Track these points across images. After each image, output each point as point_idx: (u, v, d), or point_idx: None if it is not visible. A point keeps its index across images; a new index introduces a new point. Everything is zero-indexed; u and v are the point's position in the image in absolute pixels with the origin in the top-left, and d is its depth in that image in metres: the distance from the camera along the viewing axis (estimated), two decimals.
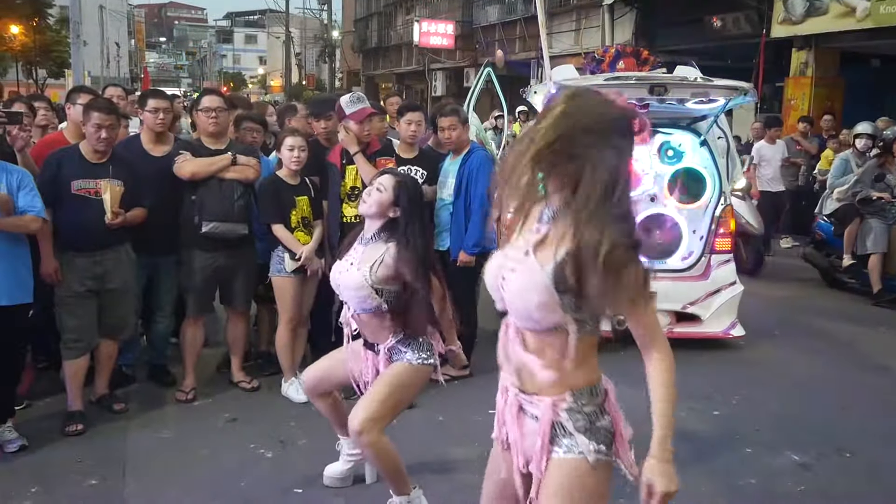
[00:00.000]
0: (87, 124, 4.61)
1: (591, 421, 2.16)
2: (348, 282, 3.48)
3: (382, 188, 3.47)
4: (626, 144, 2.05)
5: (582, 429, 2.16)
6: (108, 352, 4.94)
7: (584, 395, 2.17)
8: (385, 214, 3.48)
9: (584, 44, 19.51)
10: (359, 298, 3.46)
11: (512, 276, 2.13)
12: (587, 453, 2.14)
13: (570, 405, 2.16)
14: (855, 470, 4.45)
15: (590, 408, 2.17)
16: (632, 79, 5.92)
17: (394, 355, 3.49)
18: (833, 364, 6.37)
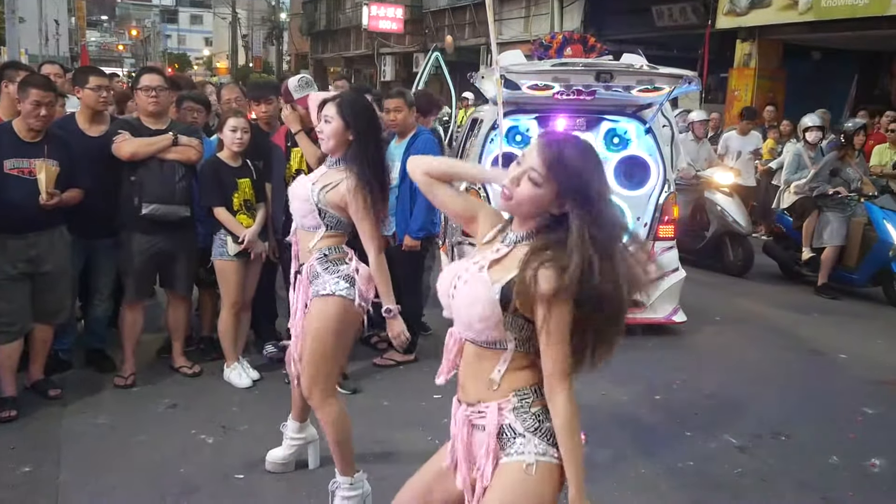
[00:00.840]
0: (24, 101, 4.45)
1: (539, 420, 2.16)
2: (297, 191, 3.53)
3: (329, 118, 3.45)
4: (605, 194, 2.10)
5: (532, 428, 2.16)
6: (43, 336, 4.80)
7: (527, 394, 2.18)
8: (345, 140, 3.45)
9: (534, 31, 19.55)
10: (302, 212, 3.50)
11: (462, 287, 2.18)
12: (536, 455, 2.14)
13: (514, 405, 2.18)
14: (790, 452, 4.55)
15: (536, 408, 2.17)
16: (579, 65, 5.94)
17: (312, 279, 3.46)
18: (771, 349, 6.51)
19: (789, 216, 8.97)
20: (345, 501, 3.48)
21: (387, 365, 5.60)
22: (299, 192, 3.51)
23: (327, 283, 3.41)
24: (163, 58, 72.99)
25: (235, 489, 3.86)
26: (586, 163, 2.08)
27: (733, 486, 4.12)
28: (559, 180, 2.06)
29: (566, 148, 2.09)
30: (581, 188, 2.04)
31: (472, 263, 2.22)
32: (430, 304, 6.16)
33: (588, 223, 2.01)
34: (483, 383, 2.21)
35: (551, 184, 2.06)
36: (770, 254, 9.30)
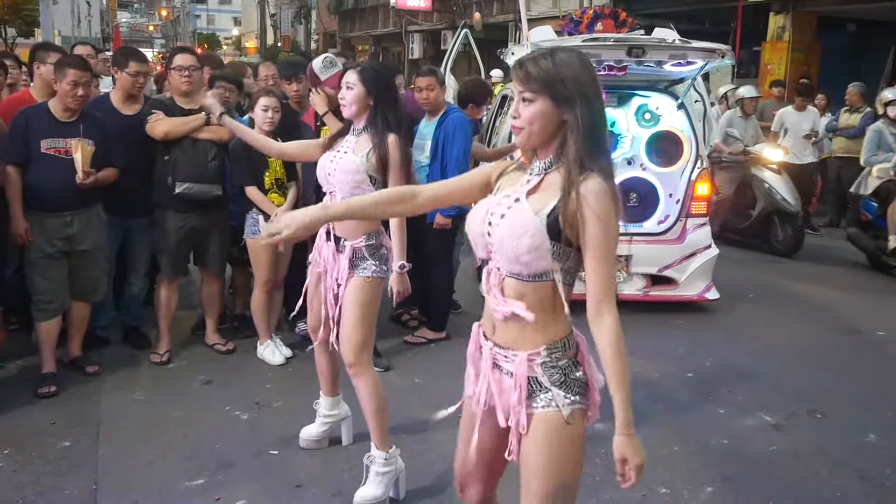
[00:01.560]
0: (61, 81, 4.50)
1: (566, 374, 2.17)
2: (345, 165, 3.54)
3: (351, 84, 3.56)
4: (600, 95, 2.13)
5: (557, 382, 2.16)
6: (81, 314, 4.89)
7: (557, 348, 2.18)
8: (367, 106, 3.56)
9: (563, 7, 19.34)
10: (352, 184, 3.51)
11: (501, 221, 2.14)
12: (563, 407, 2.16)
13: (544, 359, 2.17)
14: (826, 430, 4.51)
15: (564, 361, 2.18)
16: (610, 40, 5.87)
17: (356, 259, 3.53)
18: (806, 327, 6.43)
19: (874, 202, 8.32)
20: (378, 476, 3.51)
21: (418, 343, 5.63)
22: (346, 166, 3.53)
23: (370, 267, 3.54)
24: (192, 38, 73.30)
25: (271, 465, 3.90)
26: (561, 62, 2.08)
27: (767, 464, 4.09)
28: (546, 87, 2.06)
29: (538, 58, 2.10)
30: (568, 84, 2.05)
31: (504, 197, 2.18)
32: (459, 281, 6.17)
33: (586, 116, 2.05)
34: (516, 326, 2.19)
35: (542, 94, 2.07)
36: (856, 243, 8.58)
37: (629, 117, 6.87)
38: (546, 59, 2.09)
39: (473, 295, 6.18)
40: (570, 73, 2.06)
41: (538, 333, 2.17)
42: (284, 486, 3.69)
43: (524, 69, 2.09)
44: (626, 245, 6.32)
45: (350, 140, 3.63)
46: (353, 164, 3.52)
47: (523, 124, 2.11)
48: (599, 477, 3.75)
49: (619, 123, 6.84)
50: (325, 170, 3.62)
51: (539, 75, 2.07)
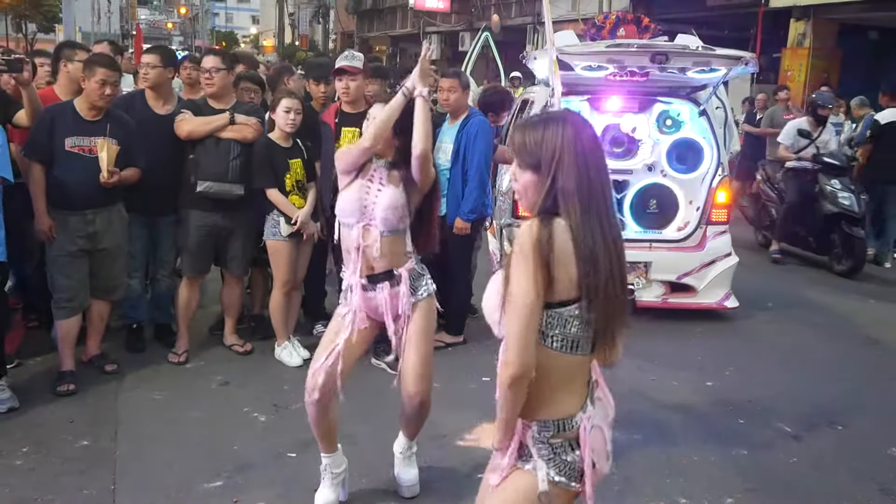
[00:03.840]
0: (90, 79, 4.52)
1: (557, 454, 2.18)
2: (385, 201, 3.35)
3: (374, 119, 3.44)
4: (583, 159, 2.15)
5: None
6: (100, 312, 4.91)
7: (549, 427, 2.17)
8: (391, 143, 3.41)
9: (582, 10, 19.31)
10: (396, 218, 3.37)
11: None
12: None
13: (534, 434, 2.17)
14: (846, 442, 4.47)
15: (557, 441, 2.17)
16: (633, 46, 5.85)
17: (413, 280, 3.44)
18: (826, 337, 6.39)
19: None
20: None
21: (436, 347, 5.59)
22: (390, 201, 3.35)
23: (428, 283, 3.50)
24: (211, 36, 73.57)
25: (288, 467, 3.90)
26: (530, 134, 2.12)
27: (787, 475, 4.06)
28: (526, 159, 2.12)
29: (527, 130, 2.15)
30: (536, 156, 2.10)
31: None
32: (477, 285, 6.14)
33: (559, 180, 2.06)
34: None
35: (530, 167, 2.12)
36: None
37: (650, 123, 6.84)
38: (532, 129, 2.14)
39: None
40: (552, 144, 2.08)
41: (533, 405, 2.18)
42: (303, 489, 3.67)
43: (514, 139, 2.18)
44: (645, 251, 6.30)
45: (381, 172, 3.45)
46: (396, 198, 3.36)
47: (519, 189, 2.18)
48: (618, 487, 3.73)
49: (640, 129, 6.81)
50: (362, 202, 3.39)
51: (524, 146, 2.13)
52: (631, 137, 6.77)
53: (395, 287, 3.40)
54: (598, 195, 2.08)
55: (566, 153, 2.06)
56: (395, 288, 3.41)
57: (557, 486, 2.14)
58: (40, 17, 36.30)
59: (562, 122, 2.12)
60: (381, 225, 3.36)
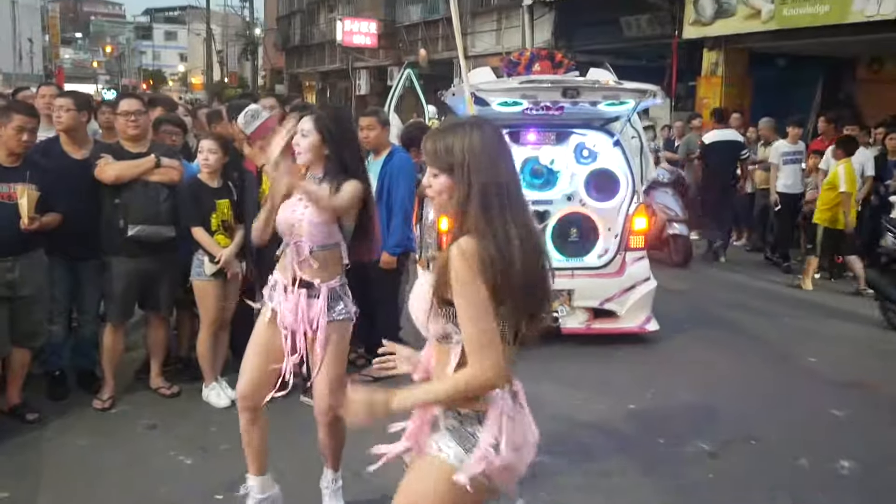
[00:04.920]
0: (7, 126, 4.49)
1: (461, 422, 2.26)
2: (311, 217, 3.44)
3: (306, 132, 3.48)
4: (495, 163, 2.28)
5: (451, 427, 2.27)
6: (21, 360, 4.83)
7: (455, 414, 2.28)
8: (322, 154, 3.50)
9: (506, 44, 19.73)
10: (323, 233, 3.47)
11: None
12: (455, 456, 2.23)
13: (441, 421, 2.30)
14: (762, 455, 4.66)
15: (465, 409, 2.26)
16: (546, 82, 6.06)
17: (332, 301, 3.52)
18: (740, 354, 6.65)
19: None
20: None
21: (365, 381, 5.65)
22: (315, 217, 3.44)
23: (345, 307, 3.57)
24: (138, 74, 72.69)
25: None
26: (454, 138, 2.23)
27: (705, 492, 4.22)
28: (442, 163, 2.24)
29: (435, 136, 2.28)
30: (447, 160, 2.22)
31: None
32: (406, 319, 6.22)
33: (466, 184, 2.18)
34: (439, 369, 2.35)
35: (442, 170, 2.24)
36: (877, 289, 7.81)
37: (568, 154, 7.05)
38: (442, 135, 2.26)
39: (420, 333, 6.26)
40: (460, 147, 2.20)
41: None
42: None
43: (425, 146, 2.29)
44: (568, 279, 6.47)
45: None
46: (322, 213, 3.45)
47: (434, 195, 2.29)
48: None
49: (558, 160, 7.02)
50: (289, 220, 3.49)
51: (435, 152, 2.24)
52: (550, 169, 6.97)
53: (313, 298, 3.51)
54: (512, 189, 2.22)
55: (476, 153, 2.19)
56: (312, 299, 3.51)
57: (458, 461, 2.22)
58: None
59: (468, 126, 2.26)
60: (309, 241, 3.47)
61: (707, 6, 13.88)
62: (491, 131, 2.26)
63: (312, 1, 38.26)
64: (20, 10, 50.74)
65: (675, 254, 10.02)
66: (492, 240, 2.12)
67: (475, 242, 2.12)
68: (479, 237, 2.13)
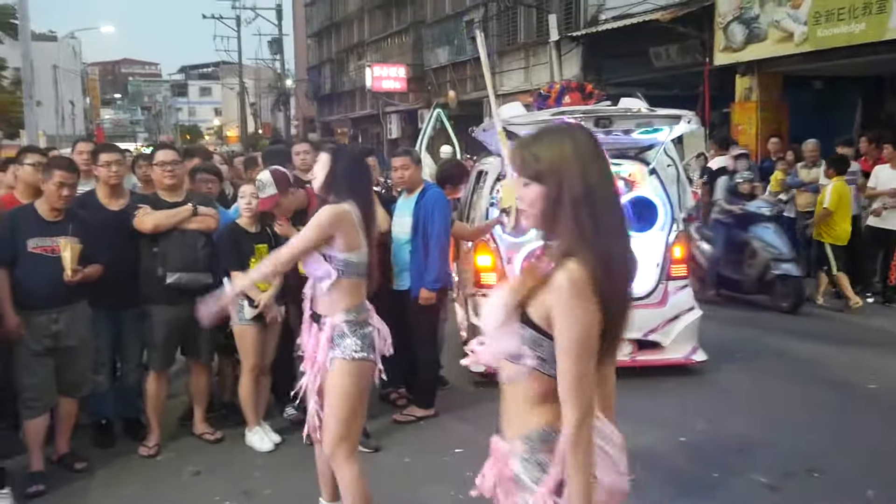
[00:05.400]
0: (48, 182, 4.58)
1: (545, 471, 2.07)
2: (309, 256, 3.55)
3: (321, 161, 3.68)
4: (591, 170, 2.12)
5: (537, 480, 2.07)
6: (68, 410, 4.87)
7: (535, 441, 2.10)
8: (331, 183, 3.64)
9: (534, 80, 19.82)
10: (316, 270, 3.52)
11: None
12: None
13: (522, 454, 2.11)
14: (826, 488, 4.48)
15: (542, 455, 2.08)
16: (577, 112, 6.03)
17: (335, 338, 3.50)
18: (795, 383, 6.45)
19: None
20: None
21: (407, 421, 5.60)
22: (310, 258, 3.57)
23: (351, 346, 3.48)
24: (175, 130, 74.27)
25: None
26: (545, 144, 2.08)
27: None
28: (533, 170, 2.07)
29: (526, 143, 2.12)
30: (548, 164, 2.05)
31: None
32: (446, 357, 6.18)
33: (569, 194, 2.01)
34: (506, 412, 2.18)
35: (533, 179, 2.07)
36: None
37: None
38: (531, 142, 2.11)
39: (461, 371, 6.19)
40: (552, 153, 2.05)
41: (519, 422, 2.12)
42: None
43: (515, 155, 2.12)
44: None
45: None
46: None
47: (526, 207, 2.12)
48: None
49: None
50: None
51: (524, 159, 2.09)
52: None
53: (322, 332, 3.54)
54: (609, 198, 2.06)
55: (569, 159, 2.03)
56: (321, 333, 3.54)
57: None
58: (5, 125, 36.44)
59: (560, 131, 2.12)
60: (309, 274, 3.58)
61: (737, 32, 13.80)
62: (585, 136, 2.10)
63: (341, 50, 38.95)
64: (62, 74, 52.27)
65: (782, 298, 8.93)
66: (593, 257, 1.96)
67: (583, 267, 1.95)
68: (581, 258, 1.96)
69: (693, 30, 14.72)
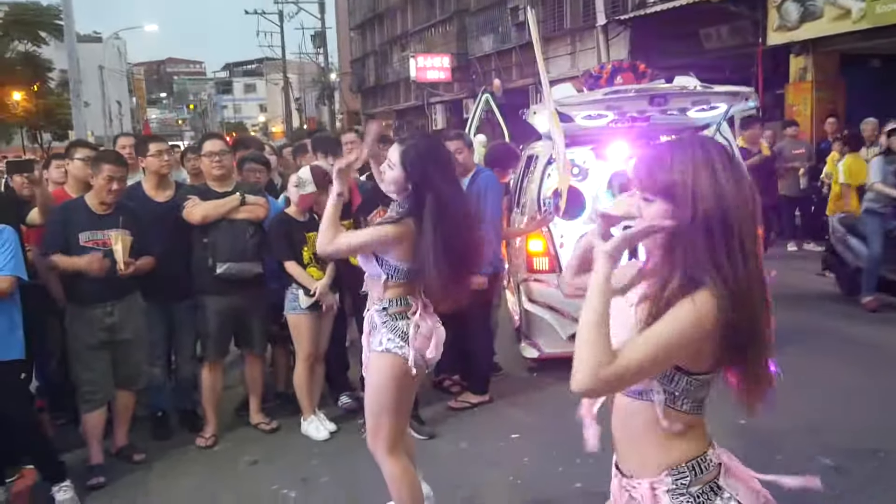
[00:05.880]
0: (97, 176, 4.60)
1: (701, 503, 1.91)
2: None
3: (392, 164, 3.31)
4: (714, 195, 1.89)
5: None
6: (125, 402, 4.91)
7: (684, 473, 1.92)
8: (405, 187, 3.31)
9: (581, 66, 19.57)
10: (364, 263, 3.39)
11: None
12: None
13: (669, 487, 1.91)
14: (891, 469, 4.35)
15: (696, 488, 1.91)
16: (631, 91, 5.89)
17: (372, 331, 3.40)
18: (855, 364, 6.27)
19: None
20: None
21: (462, 407, 5.55)
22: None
23: (383, 338, 3.34)
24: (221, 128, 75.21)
25: None
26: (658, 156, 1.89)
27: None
28: (652, 186, 1.87)
29: (655, 154, 1.93)
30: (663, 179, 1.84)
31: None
32: (499, 344, 6.11)
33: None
34: (634, 449, 1.99)
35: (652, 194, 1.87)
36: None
37: None
38: (657, 153, 1.92)
39: (514, 356, 6.13)
40: (683, 166, 1.84)
41: (656, 456, 1.94)
42: None
43: (636, 166, 1.94)
44: None
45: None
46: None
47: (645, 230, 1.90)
48: None
49: None
50: None
51: (650, 172, 1.89)
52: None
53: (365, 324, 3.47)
54: (746, 221, 1.82)
55: (700, 172, 1.81)
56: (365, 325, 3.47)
57: None
58: (54, 127, 37.24)
59: (690, 142, 1.91)
60: (364, 268, 3.45)
61: (792, 10, 13.46)
62: (718, 149, 1.87)
63: (385, 41, 38.99)
64: (108, 75, 53.22)
65: None
66: (726, 292, 1.76)
67: (713, 303, 1.76)
68: (713, 292, 1.76)
69: (745, 9, 14.38)
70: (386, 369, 3.31)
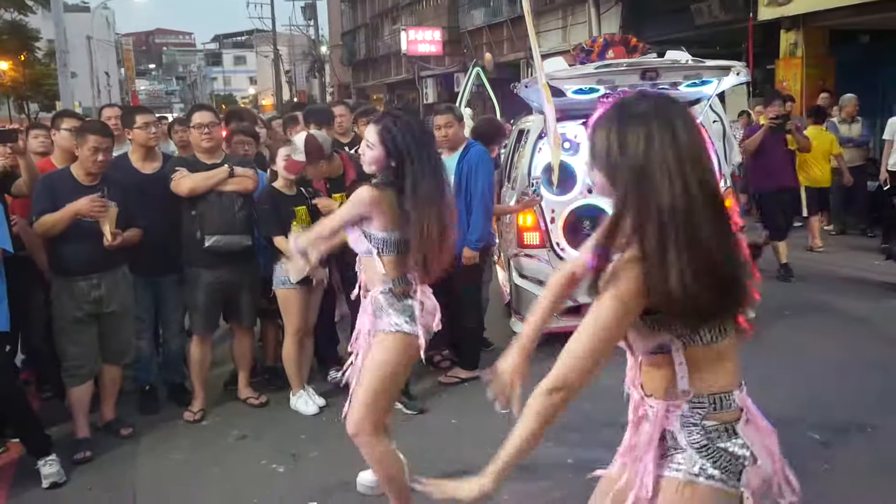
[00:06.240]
0: (82, 147, 4.53)
1: (710, 438, 1.86)
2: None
3: (370, 143, 3.31)
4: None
5: (697, 445, 1.86)
6: (112, 377, 4.88)
7: (703, 404, 1.87)
8: (388, 166, 3.30)
9: (572, 41, 19.47)
10: (354, 241, 3.39)
11: None
12: (689, 475, 1.85)
13: (684, 413, 1.88)
14: (879, 443, 4.38)
15: (711, 422, 1.87)
16: (622, 65, 5.85)
17: (376, 311, 3.37)
18: (844, 339, 6.30)
19: None
20: None
21: (452, 383, 5.55)
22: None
23: (392, 318, 3.32)
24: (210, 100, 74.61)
25: None
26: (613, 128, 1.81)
27: (822, 482, 3.95)
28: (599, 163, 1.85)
29: (596, 121, 1.87)
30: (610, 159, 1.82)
31: None
32: (489, 319, 6.10)
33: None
34: (657, 377, 1.93)
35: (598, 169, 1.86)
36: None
37: None
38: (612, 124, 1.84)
39: (504, 331, 6.11)
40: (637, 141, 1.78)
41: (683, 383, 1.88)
42: None
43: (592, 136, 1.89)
44: None
45: None
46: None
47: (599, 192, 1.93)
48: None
49: None
50: None
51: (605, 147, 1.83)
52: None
53: (368, 304, 3.43)
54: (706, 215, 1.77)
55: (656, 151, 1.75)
56: (367, 307, 3.43)
57: (711, 482, 1.83)
58: (41, 97, 36.87)
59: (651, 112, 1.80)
60: (354, 249, 3.44)
61: None
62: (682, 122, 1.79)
63: (376, 14, 38.67)
64: (96, 45, 52.63)
65: None
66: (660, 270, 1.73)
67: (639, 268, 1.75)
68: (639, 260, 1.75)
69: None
70: (399, 349, 3.33)
